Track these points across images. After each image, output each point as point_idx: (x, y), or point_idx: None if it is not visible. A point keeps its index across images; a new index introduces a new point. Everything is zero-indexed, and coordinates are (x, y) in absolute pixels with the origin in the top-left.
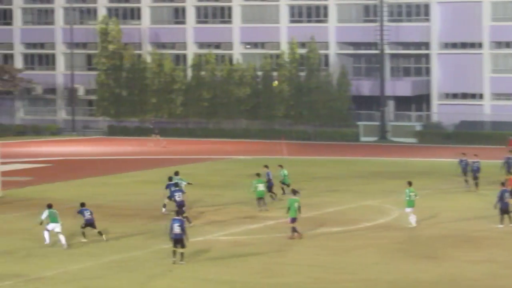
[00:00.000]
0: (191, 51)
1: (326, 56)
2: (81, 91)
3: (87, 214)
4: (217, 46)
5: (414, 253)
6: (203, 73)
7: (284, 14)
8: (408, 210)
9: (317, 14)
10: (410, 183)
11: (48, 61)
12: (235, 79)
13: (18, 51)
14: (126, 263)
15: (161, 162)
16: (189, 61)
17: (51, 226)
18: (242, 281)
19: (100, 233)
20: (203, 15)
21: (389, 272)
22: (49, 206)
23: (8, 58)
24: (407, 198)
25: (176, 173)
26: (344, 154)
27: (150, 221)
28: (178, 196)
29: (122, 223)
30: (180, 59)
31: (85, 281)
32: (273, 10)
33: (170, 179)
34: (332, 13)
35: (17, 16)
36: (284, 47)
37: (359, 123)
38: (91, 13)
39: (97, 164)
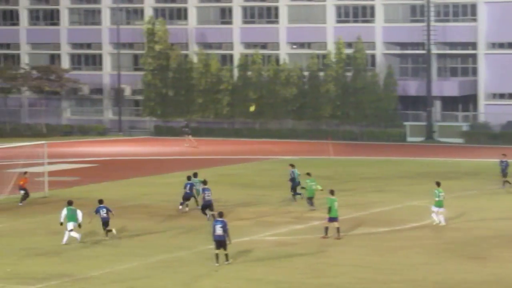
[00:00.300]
0: (238, 51)
1: (373, 56)
2: (127, 91)
3: (103, 213)
4: (264, 46)
5: (460, 253)
6: (249, 73)
7: (330, 14)
8: (438, 210)
9: (364, 14)
10: (438, 184)
11: (94, 61)
12: (281, 79)
13: (65, 51)
14: (171, 263)
15: (207, 162)
16: (236, 61)
17: (70, 225)
18: (287, 281)
19: (109, 231)
20: (250, 15)
21: (435, 272)
22: (69, 203)
23: (55, 58)
24: (437, 198)
25: (195, 175)
26: (391, 154)
27: (196, 221)
28: (207, 195)
29: (168, 223)
30: (226, 59)
31: (131, 281)
32: (319, 10)
33: (189, 178)
34: (379, 13)
35: (64, 16)
36: (331, 47)
37: (405, 123)
38: (137, 14)
39: (143, 164)
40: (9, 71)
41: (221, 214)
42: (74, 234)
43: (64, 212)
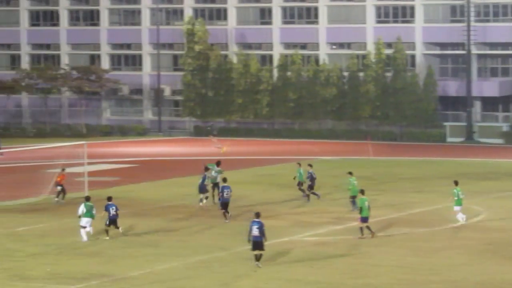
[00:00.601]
0: (277, 51)
1: (413, 56)
2: (167, 92)
3: (112, 211)
4: (303, 46)
5: (501, 254)
6: (289, 73)
7: (370, 15)
8: (457, 208)
9: (404, 14)
10: (456, 183)
11: (134, 61)
12: (321, 80)
13: (105, 51)
14: (211, 264)
15: (246, 162)
16: (275, 61)
17: (83, 221)
18: (327, 281)
19: (117, 228)
20: (289, 15)
21: (475, 273)
22: (87, 199)
23: (95, 58)
24: (456, 197)
25: (218, 163)
26: (430, 155)
27: (234, 221)
28: (226, 193)
29: (208, 223)
30: (266, 60)
31: (170, 281)
32: (359, 11)
33: (206, 168)
34: (419, 13)
35: (104, 17)
36: (370, 48)
37: (445, 123)
38: (177, 14)
39: (183, 165)
40: (49, 72)
41: (258, 215)
42: (88, 229)
43: (82, 207)
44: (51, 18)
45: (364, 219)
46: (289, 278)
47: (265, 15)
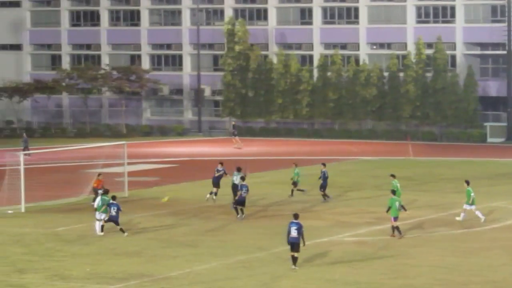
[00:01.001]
0: (317, 51)
1: (453, 56)
2: (207, 92)
3: (113, 211)
4: (343, 46)
5: None
6: (329, 73)
7: (411, 15)
8: (471, 207)
9: (444, 14)
10: (468, 183)
11: (174, 62)
12: (361, 80)
13: (145, 52)
14: (250, 264)
15: (286, 163)
16: (315, 61)
17: (98, 214)
18: (366, 281)
19: (122, 230)
20: (330, 15)
21: None
22: (105, 192)
23: (135, 59)
24: (470, 196)
25: (239, 169)
26: (471, 155)
27: (275, 221)
28: (244, 192)
29: (247, 223)
30: (306, 60)
31: (210, 281)
32: (399, 11)
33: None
34: (459, 14)
35: (145, 17)
36: (411, 48)
37: (486, 124)
38: (217, 14)
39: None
40: (90, 72)
41: (296, 216)
42: (101, 222)
43: (98, 200)
44: (92, 18)
45: (395, 219)
46: (328, 278)
47: (305, 15)
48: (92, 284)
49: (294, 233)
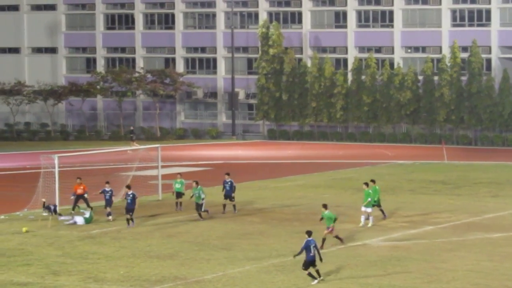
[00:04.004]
0: (352, 55)
1: (488, 60)
2: (241, 95)
3: (129, 199)
4: (378, 50)
5: None
6: (363, 77)
7: (446, 18)
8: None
9: (479, 18)
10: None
11: (209, 65)
12: (395, 84)
13: (180, 55)
14: (284, 267)
15: (320, 166)
16: (350, 65)
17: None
18: (400, 285)
19: (128, 220)
20: (364, 19)
21: None
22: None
23: (170, 62)
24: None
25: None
26: (506, 159)
27: (308, 224)
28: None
29: (282, 226)
30: (340, 63)
31: (243, 284)
32: (434, 14)
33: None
34: (495, 17)
35: (179, 20)
36: (446, 51)
37: None
38: (252, 18)
39: (256, 168)
40: (124, 75)
41: (310, 233)
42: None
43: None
44: (127, 21)
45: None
46: (363, 282)
47: (340, 19)
48: (126, 287)
49: (313, 250)
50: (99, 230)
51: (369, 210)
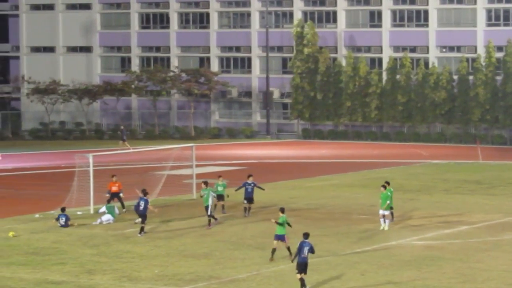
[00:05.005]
0: (387, 54)
1: None
2: (276, 94)
3: (140, 206)
4: (413, 49)
5: None
6: (398, 76)
7: (481, 18)
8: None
9: None
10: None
11: (243, 64)
12: (430, 83)
13: (214, 54)
14: (318, 267)
15: (355, 166)
16: (384, 64)
17: (104, 217)
18: (434, 285)
19: (142, 228)
20: (399, 18)
21: None
22: (108, 202)
23: (204, 61)
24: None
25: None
26: None
27: (342, 224)
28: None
29: (316, 226)
30: (375, 63)
31: (278, 284)
32: (469, 14)
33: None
34: None
35: (214, 20)
36: (481, 51)
37: None
38: (287, 17)
39: (290, 168)
40: (159, 74)
41: (307, 235)
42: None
43: (103, 208)
44: (161, 21)
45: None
46: (397, 282)
47: (374, 18)
48: (160, 286)
49: (306, 253)
50: (133, 229)
51: (386, 212)
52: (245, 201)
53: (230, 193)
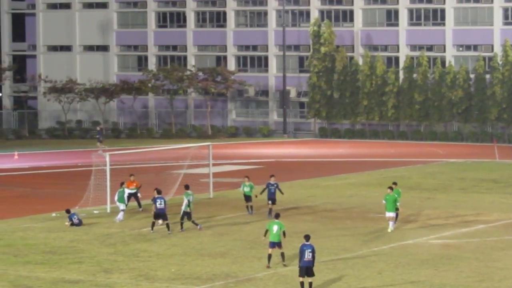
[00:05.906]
0: (403, 53)
1: None
2: (292, 93)
3: (159, 204)
4: (430, 48)
5: None
6: (415, 75)
7: (497, 16)
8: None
9: None
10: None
11: (260, 63)
12: (447, 82)
13: (231, 53)
14: (334, 266)
15: (372, 164)
16: (401, 63)
17: (121, 206)
18: (452, 284)
19: (167, 226)
20: (416, 17)
21: None
22: (121, 184)
23: (221, 60)
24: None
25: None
26: None
27: (359, 223)
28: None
29: (333, 225)
30: (392, 61)
31: (295, 282)
32: (486, 12)
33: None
34: None
35: (231, 18)
36: (498, 50)
37: None
38: (303, 16)
39: (307, 166)
40: (176, 73)
41: (308, 238)
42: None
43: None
44: (178, 19)
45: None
46: (414, 280)
47: (391, 17)
48: (177, 285)
49: (308, 256)
50: (150, 228)
51: (392, 214)
52: (270, 202)
53: (256, 192)
